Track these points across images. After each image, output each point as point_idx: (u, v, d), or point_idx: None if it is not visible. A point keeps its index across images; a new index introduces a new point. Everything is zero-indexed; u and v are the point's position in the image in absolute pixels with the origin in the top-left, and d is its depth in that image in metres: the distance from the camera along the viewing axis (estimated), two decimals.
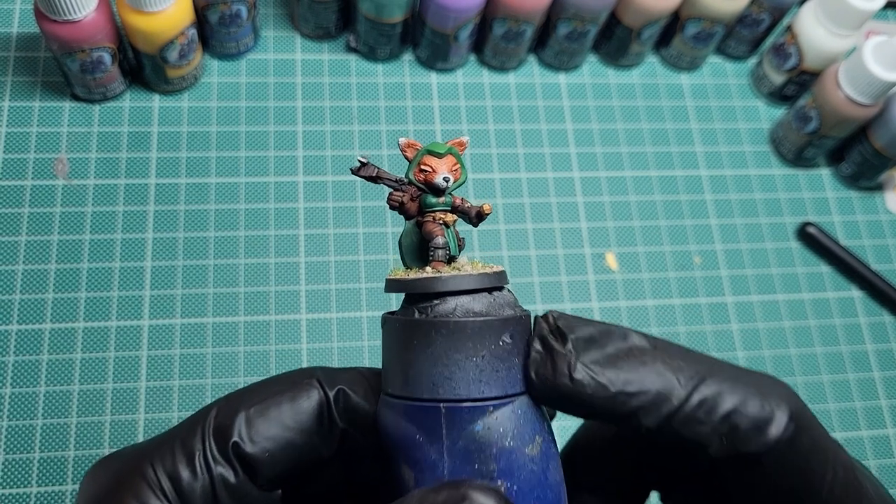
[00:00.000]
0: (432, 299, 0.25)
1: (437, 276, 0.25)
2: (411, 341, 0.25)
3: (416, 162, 0.27)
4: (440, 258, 0.27)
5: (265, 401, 0.27)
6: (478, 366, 0.25)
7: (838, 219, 0.62)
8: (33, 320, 0.49)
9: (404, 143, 0.28)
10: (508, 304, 0.26)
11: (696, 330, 0.56)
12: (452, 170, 0.27)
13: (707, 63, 0.65)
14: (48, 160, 0.53)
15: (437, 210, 0.27)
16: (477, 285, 0.26)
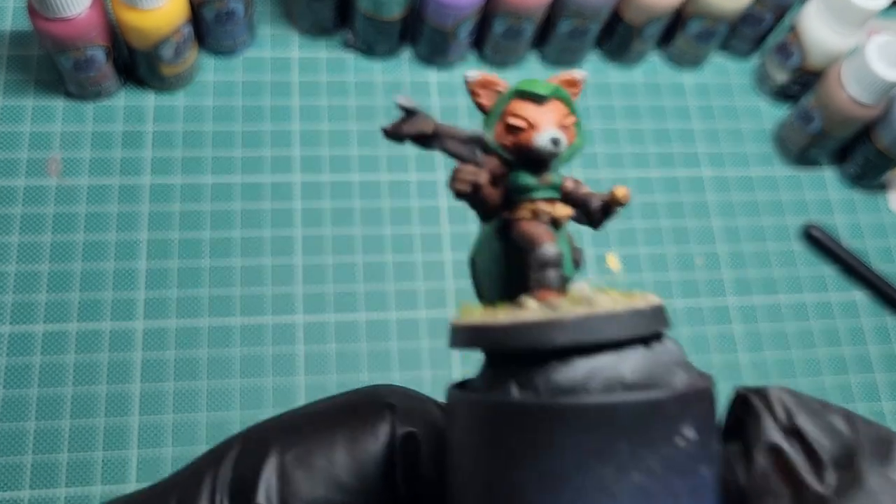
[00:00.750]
0: (546, 361, 0.14)
1: (553, 318, 0.14)
2: (508, 443, 0.14)
3: (497, 113, 0.17)
4: (551, 283, 0.16)
5: (309, 440, 0.18)
6: (640, 489, 0.13)
7: (841, 220, 0.61)
8: (26, 321, 0.49)
9: (476, 80, 0.17)
10: (678, 365, 0.15)
11: (698, 332, 0.56)
12: (563, 125, 0.17)
13: (709, 62, 0.64)
14: (41, 159, 0.53)
15: (538, 197, 0.17)
16: (627, 332, 0.15)
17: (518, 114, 0.16)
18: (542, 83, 0.17)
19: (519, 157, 0.17)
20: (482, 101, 0.17)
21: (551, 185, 0.17)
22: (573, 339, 0.14)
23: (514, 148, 0.16)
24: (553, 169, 0.17)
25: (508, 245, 0.17)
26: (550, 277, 0.16)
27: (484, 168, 0.16)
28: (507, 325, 0.14)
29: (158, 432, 0.48)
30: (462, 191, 0.16)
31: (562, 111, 0.17)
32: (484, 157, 0.17)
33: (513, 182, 0.17)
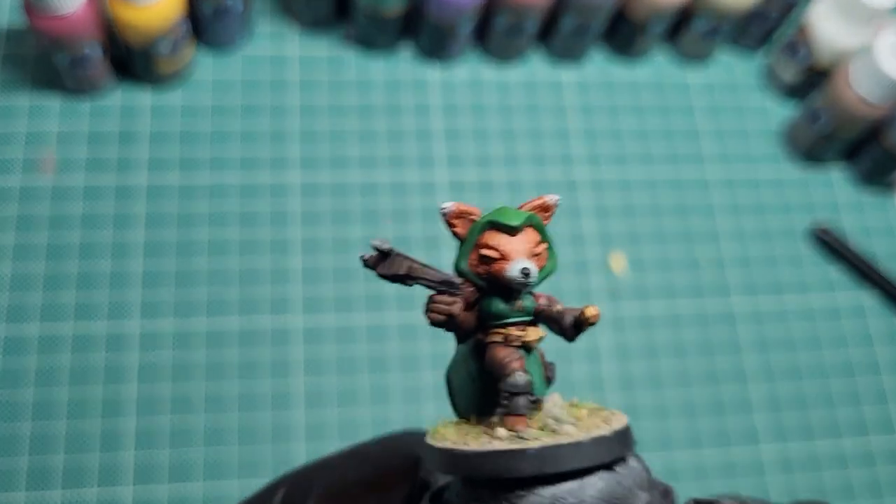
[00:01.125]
0: (513, 489, 0.15)
1: (519, 449, 0.15)
2: None
3: (471, 242, 0.18)
4: (520, 410, 0.17)
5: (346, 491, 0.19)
6: None
7: (849, 220, 0.61)
8: (21, 322, 0.48)
9: (452, 211, 0.18)
10: (639, 486, 0.16)
11: (702, 335, 0.55)
12: (535, 254, 0.18)
13: (716, 60, 0.64)
14: (36, 158, 0.52)
15: (510, 322, 0.18)
16: (589, 462, 0.16)
17: (490, 245, 0.17)
18: (514, 212, 0.18)
19: (491, 285, 0.17)
20: (458, 230, 0.18)
21: (523, 310, 0.17)
22: (541, 470, 0.15)
23: (487, 276, 0.17)
24: (525, 293, 0.17)
25: (482, 365, 0.17)
26: (519, 405, 0.16)
27: (458, 297, 0.17)
28: (478, 454, 0.15)
29: (155, 435, 0.47)
30: (436, 320, 0.18)
31: (533, 239, 0.18)
32: (458, 287, 0.17)
33: (486, 308, 0.18)
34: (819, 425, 0.54)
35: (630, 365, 0.54)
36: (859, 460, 0.54)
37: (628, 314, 0.55)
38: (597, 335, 0.54)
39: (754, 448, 0.53)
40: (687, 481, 0.51)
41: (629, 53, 0.61)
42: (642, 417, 0.52)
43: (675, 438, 0.52)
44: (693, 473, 0.52)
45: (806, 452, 0.54)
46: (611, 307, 0.55)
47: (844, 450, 0.54)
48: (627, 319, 0.55)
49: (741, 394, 0.54)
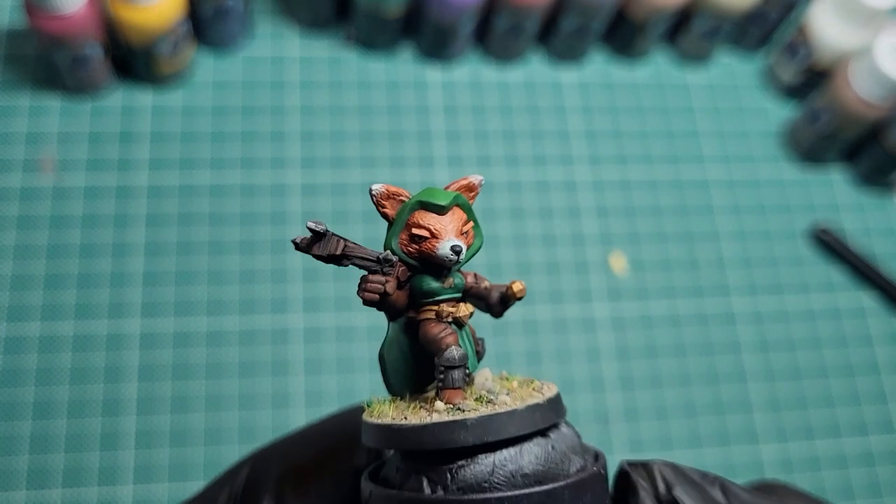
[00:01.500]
0: (454, 459, 0.16)
1: (458, 420, 0.16)
2: None
3: (401, 222, 0.18)
4: (457, 383, 0.17)
5: (302, 469, 0.20)
6: None
7: (849, 221, 0.61)
8: (22, 321, 0.48)
9: (380, 192, 0.19)
10: (573, 450, 0.17)
11: (702, 335, 0.55)
12: (462, 232, 0.18)
13: (716, 61, 0.64)
14: (37, 158, 0.52)
15: (442, 300, 0.18)
16: (526, 428, 0.16)
17: (421, 224, 0.18)
18: (442, 193, 0.18)
19: (423, 263, 0.18)
20: (387, 210, 0.18)
21: (454, 287, 0.18)
22: (480, 439, 0.15)
23: (418, 255, 0.18)
24: (455, 271, 0.18)
25: (415, 342, 0.18)
26: (455, 378, 0.17)
27: (390, 276, 0.17)
28: (418, 427, 0.16)
29: (155, 435, 0.47)
30: (370, 299, 0.18)
31: (461, 218, 0.18)
32: (390, 267, 0.18)
33: (417, 286, 0.18)
34: (819, 425, 0.54)
35: (630, 365, 0.54)
36: (859, 460, 0.54)
37: (628, 314, 0.55)
38: (597, 335, 0.54)
39: (754, 448, 0.53)
40: None
41: (629, 54, 0.61)
42: (642, 417, 0.52)
43: (675, 438, 0.52)
44: None
45: (806, 452, 0.53)
46: (611, 307, 0.55)
47: (844, 450, 0.54)
48: (628, 320, 0.55)
49: (741, 394, 0.54)
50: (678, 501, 0.18)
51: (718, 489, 0.18)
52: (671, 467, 0.18)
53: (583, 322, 0.54)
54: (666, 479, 0.18)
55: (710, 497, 0.18)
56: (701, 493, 0.18)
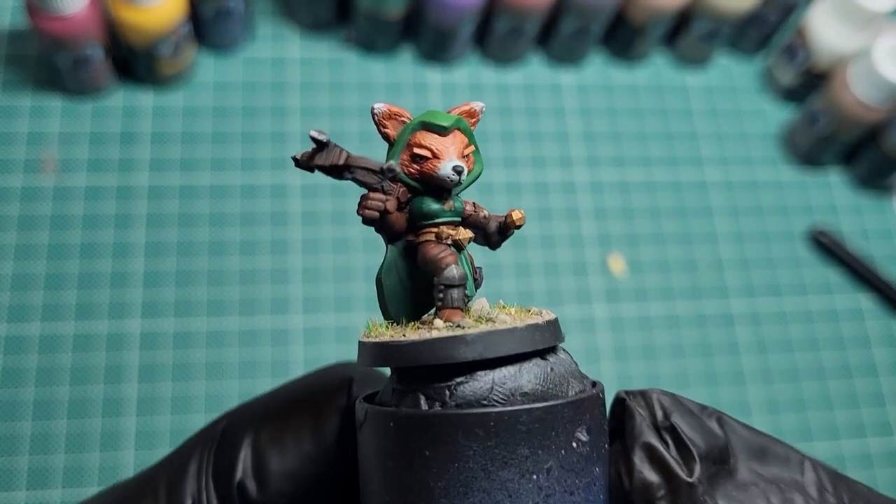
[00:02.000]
0: (452, 376, 0.16)
1: (458, 335, 0.16)
2: (419, 452, 0.15)
3: (402, 142, 0.18)
4: (456, 303, 0.17)
5: (280, 420, 0.20)
6: (541, 488, 0.15)
7: (847, 223, 0.61)
8: (22, 322, 0.48)
9: (383, 112, 0.18)
10: (571, 374, 0.17)
11: (701, 337, 0.55)
12: (463, 154, 0.18)
13: (714, 63, 0.64)
14: (38, 159, 0.52)
15: (441, 222, 0.18)
16: (526, 347, 0.16)
17: (423, 144, 0.17)
18: (444, 115, 0.18)
19: (424, 184, 0.18)
20: (388, 131, 0.18)
21: (454, 210, 0.18)
22: (479, 355, 0.15)
23: (419, 176, 0.17)
24: (454, 194, 0.18)
25: (413, 266, 0.18)
26: (455, 297, 0.17)
27: (390, 195, 0.17)
28: (417, 343, 0.16)
29: (155, 434, 0.47)
30: (370, 216, 0.18)
31: (462, 141, 0.18)
32: (390, 185, 0.18)
33: (417, 208, 0.18)
34: (817, 427, 0.54)
35: (628, 365, 0.54)
36: (857, 461, 0.54)
37: (627, 315, 0.55)
38: (596, 336, 0.54)
39: None
40: None
41: (628, 56, 0.61)
42: None
43: None
44: None
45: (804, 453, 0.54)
46: (609, 308, 0.55)
47: (842, 451, 0.54)
48: (626, 320, 0.55)
49: (739, 395, 0.54)
50: (676, 428, 0.17)
51: (715, 421, 0.19)
52: (669, 396, 0.18)
53: (581, 323, 0.54)
54: (664, 406, 0.18)
55: (708, 428, 0.18)
56: (699, 423, 0.18)
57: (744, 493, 0.17)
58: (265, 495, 0.18)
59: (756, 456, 0.18)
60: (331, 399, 0.20)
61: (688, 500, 0.16)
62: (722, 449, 0.18)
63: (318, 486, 0.19)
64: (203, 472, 0.19)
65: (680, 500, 0.16)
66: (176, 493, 0.19)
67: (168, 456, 0.21)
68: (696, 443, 0.17)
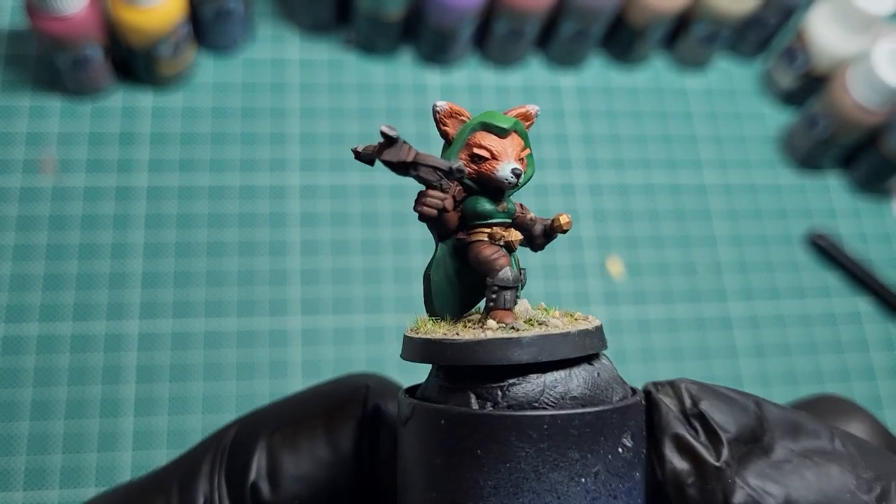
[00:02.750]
0: (505, 377, 0.16)
1: (514, 337, 0.16)
2: (470, 451, 0.15)
3: (461, 142, 0.18)
4: (508, 304, 0.17)
5: (294, 424, 0.20)
6: (588, 491, 0.15)
7: (846, 227, 0.61)
8: (21, 322, 0.48)
9: (445, 110, 0.19)
10: (615, 381, 0.17)
11: (699, 339, 0.55)
12: (520, 157, 0.18)
13: (714, 66, 0.64)
14: (37, 159, 0.52)
15: (494, 223, 0.18)
16: (577, 352, 0.16)
17: (482, 144, 0.18)
18: (503, 116, 0.18)
19: (481, 184, 0.18)
20: (448, 129, 0.18)
21: (507, 211, 0.18)
22: (532, 357, 0.16)
23: (476, 176, 0.18)
24: (507, 196, 0.18)
25: (461, 264, 0.18)
26: (508, 299, 0.17)
27: (449, 194, 0.18)
28: (472, 343, 0.16)
29: (153, 435, 0.47)
30: (428, 213, 0.18)
31: (519, 144, 0.18)
32: (451, 184, 0.18)
33: (471, 207, 0.18)
34: None
35: (627, 368, 0.54)
36: None
37: (626, 318, 0.55)
38: None
39: None
40: None
41: (628, 59, 0.61)
42: None
43: None
44: None
45: None
46: (608, 311, 0.55)
47: None
48: (625, 323, 0.55)
49: None
50: (704, 415, 0.17)
51: (752, 402, 0.18)
52: (698, 384, 0.18)
53: None
54: (692, 394, 0.18)
55: (740, 410, 0.18)
56: (730, 407, 0.18)
57: (777, 471, 0.17)
58: (278, 497, 0.19)
59: (789, 433, 0.18)
60: (346, 406, 0.20)
61: (717, 484, 0.16)
62: (756, 429, 0.18)
63: (333, 492, 0.19)
64: (216, 472, 0.19)
65: (709, 484, 0.16)
66: (188, 492, 0.19)
67: (179, 457, 0.21)
68: (727, 427, 0.17)
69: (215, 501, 0.19)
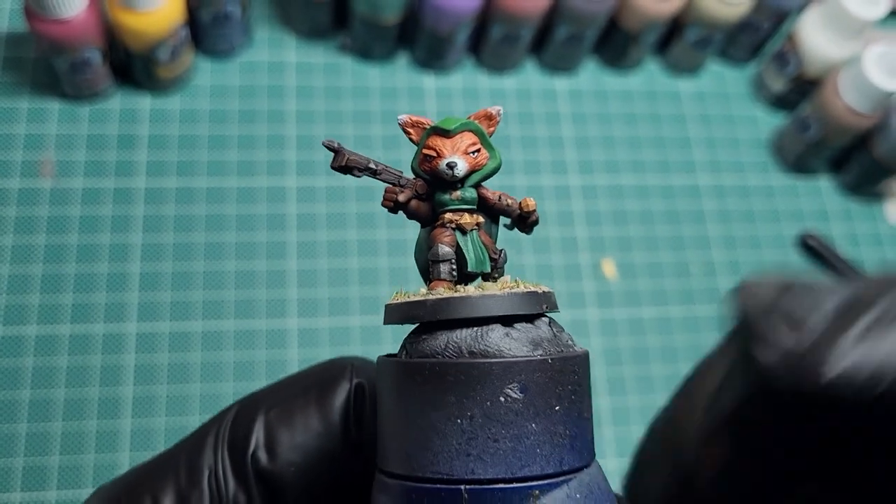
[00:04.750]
0: (420, 333, 0.19)
1: (419, 300, 0.19)
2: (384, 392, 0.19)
3: (420, 146, 0.21)
4: (441, 275, 0.20)
5: (288, 400, 0.22)
6: (464, 431, 0.17)
7: (837, 229, 0.61)
8: (19, 323, 0.49)
9: (406, 122, 0.21)
10: (534, 343, 0.19)
11: (693, 340, 0.56)
12: (468, 152, 0.21)
13: (707, 69, 0.64)
14: (36, 161, 0.53)
15: (449, 210, 0.21)
16: (479, 312, 0.18)
17: (430, 145, 0.21)
18: (453, 120, 0.21)
19: (434, 179, 0.21)
20: (412, 136, 0.21)
21: (462, 199, 0.21)
22: (433, 315, 0.18)
23: (429, 172, 0.21)
24: (466, 186, 0.21)
25: None
26: (441, 271, 0.20)
27: (405, 189, 0.21)
28: (396, 305, 0.19)
29: (151, 436, 0.47)
30: (386, 206, 0.21)
31: (470, 141, 0.21)
32: (409, 180, 0.21)
33: (434, 198, 0.21)
34: None
35: (621, 369, 0.54)
36: None
37: (619, 319, 0.55)
38: (589, 339, 0.54)
39: None
40: None
41: (622, 63, 0.62)
42: (632, 421, 0.53)
43: None
44: None
45: None
46: (602, 312, 0.55)
47: None
48: (619, 323, 0.55)
49: None
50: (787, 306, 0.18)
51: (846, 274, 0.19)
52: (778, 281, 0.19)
53: (574, 326, 0.54)
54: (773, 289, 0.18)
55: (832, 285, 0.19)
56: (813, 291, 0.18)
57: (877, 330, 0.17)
58: (275, 465, 0.21)
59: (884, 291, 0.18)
60: (333, 381, 0.22)
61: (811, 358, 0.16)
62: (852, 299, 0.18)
63: (324, 458, 0.21)
64: (219, 446, 0.22)
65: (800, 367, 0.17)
66: (195, 464, 0.22)
67: (186, 437, 0.23)
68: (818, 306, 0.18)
69: (219, 471, 0.21)
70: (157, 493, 0.21)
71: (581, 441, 0.18)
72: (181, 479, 0.22)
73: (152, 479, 0.22)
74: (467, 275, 0.21)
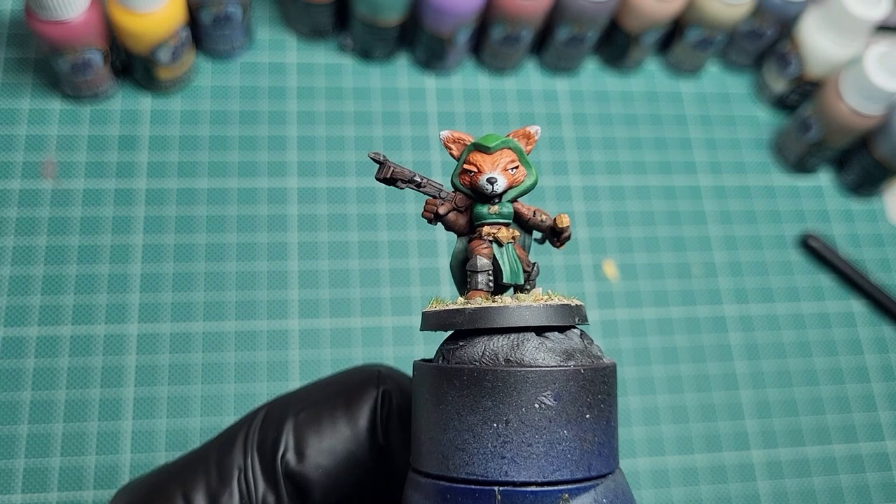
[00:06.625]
0: (458, 340, 0.20)
1: (457, 309, 0.20)
2: (420, 395, 0.20)
3: (461, 161, 0.22)
4: (479, 286, 0.21)
5: (317, 405, 0.23)
6: (499, 435, 0.18)
7: (839, 229, 0.61)
8: (20, 324, 0.49)
9: (448, 138, 0.22)
10: (567, 353, 0.19)
11: (693, 341, 0.56)
12: (507, 169, 0.22)
13: (708, 70, 0.64)
14: (37, 162, 0.53)
15: (487, 223, 0.22)
16: (516, 322, 0.19)
17: (471, 161, 0.22)
18: (493, 137, 0.22)
19: (474, 193, 0.22)
20: (453, 152, 0.22)
21: (499, 213, 0.22)
22: (472, 324, 0.19)
23: (469, 187, 0.22)
24: (503, 201, 0.22)
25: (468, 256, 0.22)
26: (478, 281, 0.21)
27: (446, 202, 0.22)
28: (435, 313, 0.20)
29: (152, 437, 0.47)
30: (426, 217, 0.22)
31: (509, 158, 0.22)
32: (449, 193, 0.22)
33: (472, 211, 0.22)
34: (809, 431, 0.55)
35: (622, 370, 0.54)
36: (848, 465, 0.54)
37: (620, 320, 0.55)
38: None
39: (745, 453, 0.53)
40: (677, 485, 0.52)
41: (622, 64, 0.62)
42: (634, 422, 0.53)
43: (666, 442, 0.53)
44: (683, 477, 0.52)
45: (795, 457, 0.54)
46: (603, 313, 0.55)
47: (833, 454, 0.55)
48: (620, 324, 0.55)
49: (732, 399, 0.55)
50: None
51: None
52: None
53: None
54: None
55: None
56: None
57: None
58: (303, 467, 0.22)
59: None
60: (361, 388, 0.23)
61: None
62: None
63: (351, 461, 0.22)
64: (249, 447, 0.22)
65: None
66: (225, 466, 0.22)
67: (216, 437, 0.24)
68: None
69: (248, 471, 0.22)
70: (189, 492, 0.22)
71: (608, 448, 0.19)
72: (212, 480, 0.22)
73: (183, 478, 0.22)
74: (501, 286, 0.21)
